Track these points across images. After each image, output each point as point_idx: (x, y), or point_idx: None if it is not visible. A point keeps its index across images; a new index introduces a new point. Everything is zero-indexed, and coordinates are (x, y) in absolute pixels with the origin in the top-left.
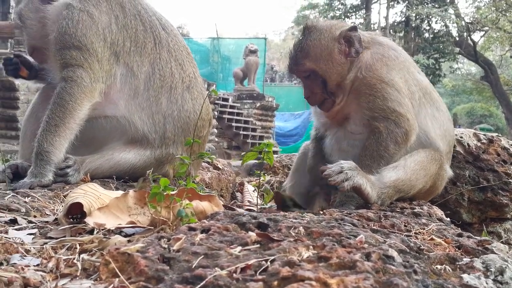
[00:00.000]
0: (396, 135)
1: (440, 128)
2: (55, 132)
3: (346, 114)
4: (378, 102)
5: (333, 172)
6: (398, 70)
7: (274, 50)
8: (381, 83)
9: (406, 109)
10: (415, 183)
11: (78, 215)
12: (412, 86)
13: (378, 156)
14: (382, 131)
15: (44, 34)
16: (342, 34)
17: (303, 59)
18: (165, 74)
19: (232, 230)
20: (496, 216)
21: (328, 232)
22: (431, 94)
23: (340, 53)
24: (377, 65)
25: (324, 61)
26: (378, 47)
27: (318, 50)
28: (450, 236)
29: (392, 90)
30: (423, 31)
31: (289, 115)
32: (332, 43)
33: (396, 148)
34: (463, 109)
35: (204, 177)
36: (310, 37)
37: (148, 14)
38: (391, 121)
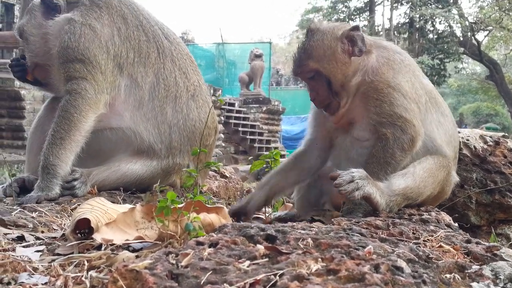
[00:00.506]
0: (402, 141)
1: (446, 134)
2: (61, 145)
3: (351, 118)
4: (385, 107)
5: (344, 181)
6: (404, 74)
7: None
8: (387, 87)
9: (413, 114)
10: (424, 190)
11: (85, 230)
12: (418, 89)
13: (385, 163)
14: (389, 137)
15: (47, 50)
16: (345, 34)
17: (307, 60)
18: (169, 84)
19: (240, 243)
20: (504, 218)
21: (336, 243)
22: (436, 98)
23: (343, 52)
24: (383, 69)
25: (328, 61)
26: (382, 50)
27: (321, 50)
28: (459, 243)
29: (399, 95)
30: (427, 32)
31: (295, 119)
32: (335, 42)
33: (402, 154)
34: (469, 108)
35: (212, 186)
36: (313, 38)
37: (150, 24)
38: (397, 127)
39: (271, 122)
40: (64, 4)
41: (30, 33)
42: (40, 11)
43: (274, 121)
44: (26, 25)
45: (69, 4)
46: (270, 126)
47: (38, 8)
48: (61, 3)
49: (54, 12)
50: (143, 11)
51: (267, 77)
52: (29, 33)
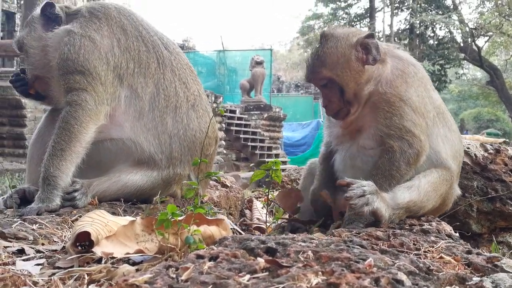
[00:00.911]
0: (408, 155)
1: (452, 148)
2: (61, 157)
3: (359, 126)
4: (395, 120)
5: (355, 194)
6: (416, 88)
7: (280, 60)
8: (399, 101)
9: (420, 130)
10: (426, 204)
11: (86, 243)
12: (427, 104)
13: (390, 176)
14: (396, 150)
15: (47, 62)
16: (359, 41)
17: (320, 67)
18: (169, 94)
19: (241, 256)
20: (505, 226)
21: (337, 256)
22: (444, 113)
23: (357, 61)
24: (398, 81)
25: (341, 69)
26: (398, 61)
27: (335, 58)
28: (460, 254)
29: (409, 110)
30: (427, 38)
31: (296, 125)
32: (349, 50)
33: (407, 168)
34: (470, 114)
35: (213, 195)
36: (327, 45)
37: (150, 34)
38: (405, 141)
39: (272, 128)
40: (64, 16)
41: (30, 45)
42: (40, 23)
43: (275, 127)
44: (26, 38)
45: (68, 16)
46: (271, 132)
47: (38, 20)
48: (61, 15)
49: (54, 24)
50: (142, 21)
51: (268, 84)
52: (29, 46)
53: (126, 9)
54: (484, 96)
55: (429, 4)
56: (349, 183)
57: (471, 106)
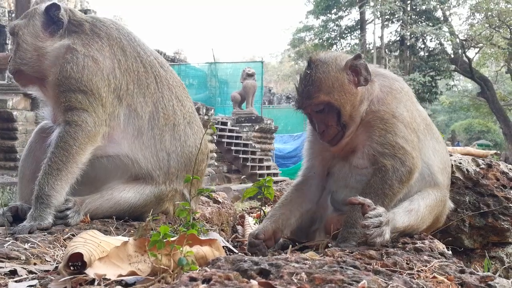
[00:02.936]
0: (401, 174)
1: (441, 161)
2: (57, 176)
3: (353, 146)
4: (389, 137)
5: (372, 224)
6: (405, 102)
7: (271, 72)
8: (392, 117)
9: (412, 146)
10: (421, 226)
11: (78, 263)
12: (417, 118)
13: (383, 194)
14: (389, 169)
15: (37, 68)
16: (348, 64)
17: (317, 93)
18: (168, 113)
19: (234, 278)
20: (498, 241)
21: (330, 278)
22: (430, 125)
23: (350, 83)
24: (388, 98)
25: (337, 92)
26: (383, 79)
27: (329, 82)
28: (453, 273)
29: (401, 125)
30: (418, 50)
31: (288, 137)
32: (341, 73)
33: (400, 186)
34: (461, 125)
35: (205, 212)
36: (318, 70)
37: (147, 54)
38: (397, 158)
39: (263, 140)
40: (66, 21)
41: (24, 39)
42: (40, 21)
43: (267, 139)
44: (22, 30)
45: (70, 24)
46: (263, 144)
47: (40, 16)
48: (64, 20)
49: (55, 27)
50: (139, 41)
51: (259, 96)
52: (23, 39)
53: (124, 28)
54: (475, 108)
55: (420, 16)
56: (362, 202)
57: (462, 117)
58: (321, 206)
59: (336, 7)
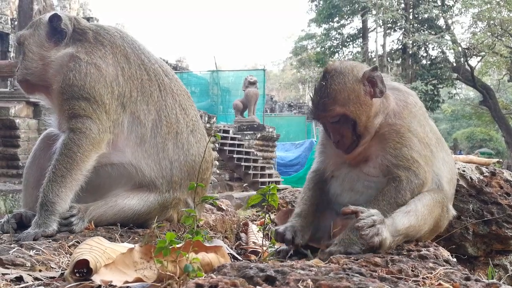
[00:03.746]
0: (414, 186)
1: (449, 172)
2: (62, 183)
3: (366, 156)
4: (405, 151)
5: (366, 224)
6: (419, 117)
7: (273, 80)
8: (408, 132)
9: (425, 161)
10: (423, 227)
11: (84, 270)
12: (429, 132)
13: (395, 203)
14: (403, 180)
15: (43, 77)
16: (366, 75)
17: (332, 105)
18: (171, 121)
19: (240, 285)
20: (501, 249)
21: (336, 285)
22: (441, 139)
23: (366, 95)
24: (404, 113)
25: (353, 104)
26: (398, 93)
27: (345, 94)
28: (458, 280)
29: (416, 140)
30: (420, 58)
31: (290, 145)
32: (357, 85)
33: (411, 197)
34: (463, 134)
35: (208, 219)
36: (334, 81)
37: (151, 62)
38: (412, 171)
39: (265, 148)
40: (70, 30)
41: (29, 49)
42: (45, 31)
43: (269, 147)
44: (28, 39)
45: (74, 33)
46: (265, 152)
47: (44, 26)
48: (68, 30)
49: (59, 37)
50: (144, 49)
51: (261, 104)
52: (29, 49)
53: (128, 36)
54: (477, 116)
55: (422, 24)
56: (354, 211)
57: (464, 125)
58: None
59: (339, 16)
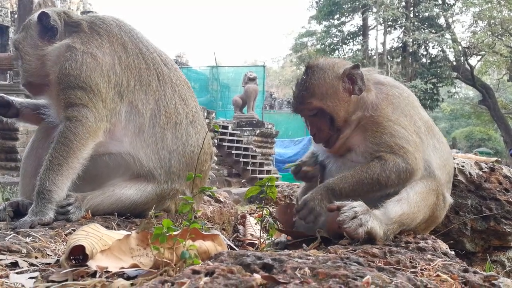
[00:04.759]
0: (401, 169)
1: (441, 158)
2: (58, 171)
3: (348, 147)
4: (386, 138)
5: (347, 217)
6: (403, 108)
7: (273, 77)
8: (388, 121)
9: (414, 146)
10: (417, 215)
11: (80, 256)
12: (417, 121)
13: (377, 182)
14: (389, 161)
15: (43, 73)
16: (346, 72)
17: (310, 98)
18: (170, 111)
19: (237, 272)
20: (499, 245)
21: (334, 273)
22: (432, 127)
23: (344, 91)
24: (383, 104)
25: (331, 99)
26: (380, 86)
27: (323, 89)
28: (456, 272)
29: (399, 128)
30: (420, 56)
31: (289, 142)
32: (336, 81)
33: (394, 181)
34: (461, 133)
35: (206, 211)
36: (314, 76)
37: (150, 51)
38: (399, 156)
39: (264, 145)
40: (61, 27)
41: (25, 51)
42: (36, 31)
43: (268, 144)
44: (22, 43)
45: (67, 26)
46: (263, 149)
47: (35, 27)
48: (58, 25)
49: (51, 34)
50: (142, 38)
51: (260, 100)
52: (24, 52)
53: (126, 25)
54: (476, 115)
55: (422, 22)
56: (339, 206)
57: (463, 125)
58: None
59: (339, 13)
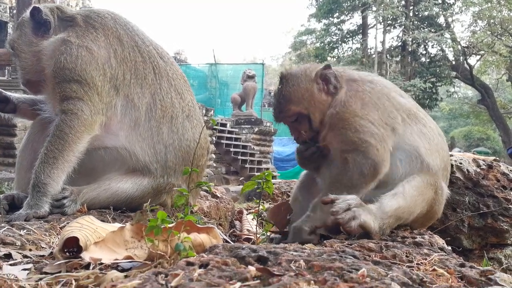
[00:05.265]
0: (362, 166)
1: (430, 142)
2: (53, 164)
3: (327, 145)
4: (349, 134)
5: (341, 209)
6: (376, 100)
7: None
8: (354, 116)
9: (378, 139)
10: (414, 209)
11: (74, 249)
12: (393, 111)
13: (344, 186)
14: (349, 161)
15: (40, 69)
16: (318, 74)
17: (288, 105)
18: (166, 105)
19: (231, 264)
20: (496, 242)
21: (329, 266)
22: (416, 114)
23: (320, 92)
24: (351, 101)
25: (307, 102)
26: (352, 83)
27: (299, 94)
28: (453, 267)
29: (365, 122)
30: (419, 56)
31: (287, 140)
32: (310, 84)
33: (361, 179)
34: (460, 132)
35: (203, 206)
36: (289, 84)
37: (146, 44)
38: (359, 152)
39: (262, 143)
40: (54, 21)
41: (21, 49)
42: (30, 27)
43: (266, 142)
44: (17, 41)
45: (61, 21)
46: (262, 147)
47: (28, 23)
48: (51, 20)
49: (45, 29)
50: (138, 31)
51: (259, 98)
52: (20, 50)
53: (121, 18)
54: (475, 115)
55: (422, 22)
56: (333, 199)
57: (462, 124)
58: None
59: (339, 11)
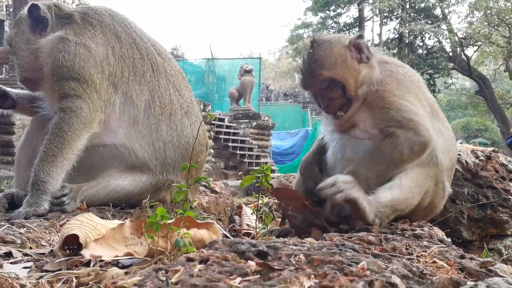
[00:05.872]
0: (414, 143)
1: (445, 142)
2: (53, 162)
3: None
4: (392, 114)
5: (326, 185)
6: (408, 85)
7: (269, 69)
8: (393, 96)
9: (423, 120)
10: (411, 201)
11: (74, 246)
12: (422, 100)
13: (390, 159)
14: (399, 135)
15: (38, 67)
16: (352, 42)
17: (320, 70)
18: (164, 102)
19: (231, 259)
20: (496, 233)
21: (329, 259)
22: (437, 111)
23: (352, 59)
24: (387, 80)
25: (340, 68)
26: (384, 64)
27: (332, 59)
28: (453, 258)
29: (405, 103)
30: (416, 47)
31: (285, 134)
32: (344, 50)
33: (409, 156)
34: (458, 123)
35: (202, 201)
36: (321, 48)
37: (143, 41)
38: (409, 129)
39: (260, 137)
40: (52, 19)
41: (18, 47)
42: (27, 25)
43: (264, 136)
44: (14, 39)
45: (59, 19)
46: (260, 141)
47: (25, 21)
48: (48, 17)
49: (42, 26)
50: (135, 28)
51: (256, 93)
52: (18, 47)
53: (119, 15)
54: (473, 106)
55: (418, 13)
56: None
57: (460, 115)
58: None
59: (335, 4)
